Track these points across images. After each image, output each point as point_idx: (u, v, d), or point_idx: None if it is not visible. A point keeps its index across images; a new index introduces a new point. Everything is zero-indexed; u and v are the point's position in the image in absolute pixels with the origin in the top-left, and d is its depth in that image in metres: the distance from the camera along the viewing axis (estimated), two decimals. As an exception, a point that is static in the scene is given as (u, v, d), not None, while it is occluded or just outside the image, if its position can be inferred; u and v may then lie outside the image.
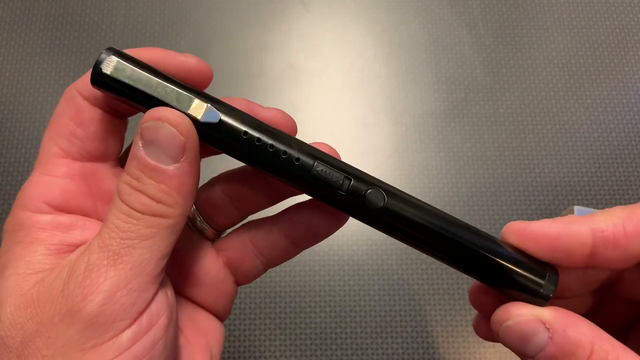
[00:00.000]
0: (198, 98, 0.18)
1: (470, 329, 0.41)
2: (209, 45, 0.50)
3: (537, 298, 0.19)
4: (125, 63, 0.18)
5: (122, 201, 0.17)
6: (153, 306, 0.18)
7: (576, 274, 0.21)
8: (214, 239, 0.23)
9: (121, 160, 0.22)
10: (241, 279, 0.24)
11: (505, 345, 0.19)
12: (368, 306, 0.42)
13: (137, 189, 0.17)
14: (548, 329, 0.18)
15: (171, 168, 0.17)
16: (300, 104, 0.48)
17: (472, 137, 0.47)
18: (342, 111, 0.48)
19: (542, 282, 0.19)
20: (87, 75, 0.19)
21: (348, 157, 0.20)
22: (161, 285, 0.18)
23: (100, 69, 0.18)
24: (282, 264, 0.43)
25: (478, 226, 0.44)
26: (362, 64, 0.50)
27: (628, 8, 0.51)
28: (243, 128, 0.19)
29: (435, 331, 0.41)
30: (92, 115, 0.19)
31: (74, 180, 0.19)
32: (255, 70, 0.49)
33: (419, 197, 0.21)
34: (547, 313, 0.18)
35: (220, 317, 0.24)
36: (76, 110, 0.19)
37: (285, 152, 0.19)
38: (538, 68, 0.49)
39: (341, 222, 0.23)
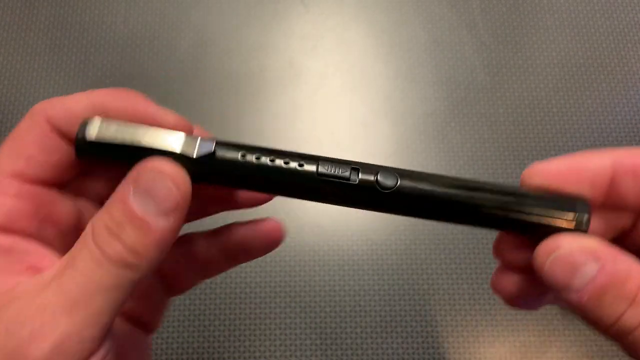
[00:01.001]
0: (186, 136, 0.18)
1: (471, 328, 0.41)
2: (209, 45, 0.50)
3: (575, 231, 0.18)
4: (108, 122, 0.18)
5: (96, 245, 0.16)
6: (101, 352, 0.17)
7: (595, 219, 0.20)
8: None
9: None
10: (174, 292, 0.24)
11: (549, 279, 0.17)
12: (368, 306, 0.42)
13: (116, 236, 0.16)
14: (597, 260, 0.17)
15: (158, 223, 0.17)
16: (300, 104, 0.48)
17: (472, 137, 0.47)
18: (342, 111, 0.48)
19: (575, 213, 0.18)
20: (59, 100, 0.18)
21: (348, 157, 0.19)
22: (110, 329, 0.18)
23: (85, 137, 0.18)
24: (282, 264, 0.43)
25: (478, 226, 0.44)
26: (362, 64, 0.50)
27: (628, 8, 0.51)
28: (239, 151, 0.18)
29: (435, 331, 0.41)
30: (57, 145, 0.19)
31: (22, 201, 0.18)
32: (255, 70, 0.49)
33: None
34: (594, 243, 0.17)
35: (150, 328, 0.24)
36: (42, 135, 0.18)
37: (287, 162, 0.18)
38: (538, 68, 0.49)
39: (277, 243, 0.23)
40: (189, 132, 0.20)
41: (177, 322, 0.41)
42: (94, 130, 0.18)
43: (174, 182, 0.17)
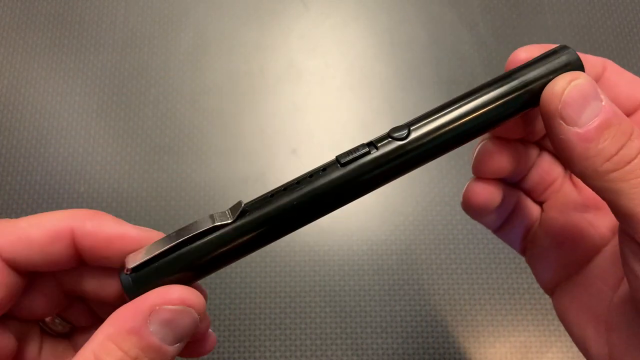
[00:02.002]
0: (213, 215, 0.18)
1: (471, 328, 0.41)
2: (209, 45, 0.50)
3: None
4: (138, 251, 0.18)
5: None
6: None
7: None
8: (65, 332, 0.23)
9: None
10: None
11: (563, 110, 0.18)
12: (368, 306, 0.42)
13: None
14: (602, 97, 0.18)
15: (172, 348, 0.17)
16: (301, 104, 0.48)
17: (472, 137, 0.47)
18: (342, 111, 0.48)
19: (570, 57, 0.19)
20: (9, 229, 0.18)
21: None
22: None
23: (128, 269, 0.18)
24: (282, 264, 0.43)
25: (478, 224, 0.44)
26: (362, 64, 0.49)
27: (628, 8, 0.51)
28: (265, 195, 0.18)
29: (435, 331, 0.41)
30: (7, 280, 0.18)
31: None
32: (255, 70, 0.49)
33: (418, 198, 0.21)
34: (595, 83, 0.18)
35: None
36: (53, 239, 0.18)
37: (311, 175, 0.18)
38: (538, 68, 0.49)
39: None
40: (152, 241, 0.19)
41: (177, 322, 0.41)
42: (134, 260, 0.18)
43: (198, 311, 0.17)
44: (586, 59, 0.20)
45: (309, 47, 0.50)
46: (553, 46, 0.20)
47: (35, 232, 0.18)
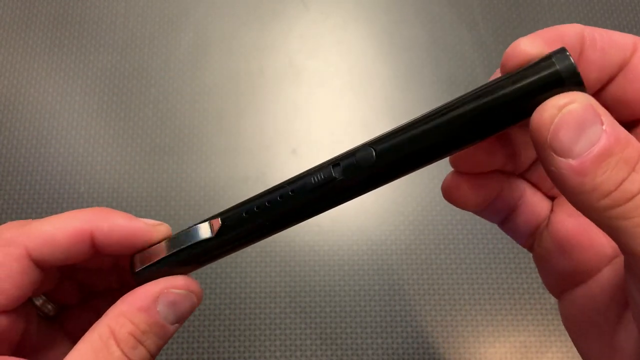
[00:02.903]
0: (203, 223, 0.21)
1: (471, 328, 0.41)
2: (209, 45, 0.50)
3: (575, 88, 0.16)
4: (141, 253, 0.21)
5: (122, 352, 0.18)
6: None
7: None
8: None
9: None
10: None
11: (553, 142, 0.15)
12: (368, 306, 0.42)
13: (141, 343, 0.19)
14: (602, 121, 0.15)
15: (172, 327, 0.20)
16: (301, 104, 0.48)
17: (472, 137, 0.47)
18: (342, 111, 0.48)
19: (560, 67, 0.16)
20: (37, 237, 0.20)
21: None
22: None
23: (136, 269, 0.21)
24: (282, 264, 0.43)
25: (478, 224, 0.44)
26: (362, 64, 0.49)
27: (628, 8, 0.51)
28: (240, 210, 0.20)
29: (435, 331, 0.41)
30: (33, 278, 0.20)
31: None
32: (255, 70, 0.49)
33: (418, 198, 0.21)
34: (595, 102, 0.16)
35: None
36: (20, 272, 0.19)
37: (281, 196, 0.19)
38: (538, 68, 0.49)
39: None
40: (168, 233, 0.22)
41: (177, 322, 0.41)
42: (142, 261, 0.21)
43: (198, 297, 0.20)
44: (612, 40, 0.17)
45: (309, 47, 0.50)
46: (561, 32, 0.17)
47: (60, 235, 0.20)
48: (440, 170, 0.45)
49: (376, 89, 0.49)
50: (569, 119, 0.15)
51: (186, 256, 0.21)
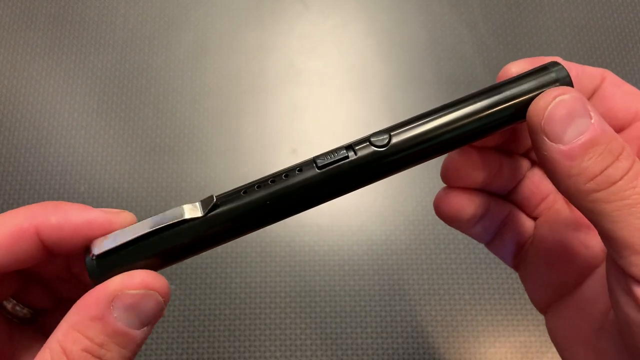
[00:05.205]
0: (184, 208, 0.18)
1: (471, 328, 0.41)
2: (209, 45, 0.50)
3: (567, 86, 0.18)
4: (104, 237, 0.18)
5: None
6: None
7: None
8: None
9: None
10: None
11: (546, 126, 0.18)
12: (368, 306, 0.42)
13: (100, 358, 0.16)
14: (591, 114, 0.17)
15: (139, 332, 0.17)
16: (301, 104, 0.48)
17: (472, 137, 0.47)
18: (342, 111, 0.48)
19: (555, 73, 0.19)
20: (50, 208, 0.18)
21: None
22: None
23: (93, 254, 0.18)
24: (282, 264, 0.43)
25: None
26: (362, 64, 0.49)
27: (628, 8, 0.51)
28: (238, 191, 0.18)
29: (435, 331, 0.41)
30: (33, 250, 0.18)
31: None
32: (255, 70, 0.49)
33: (418, 198, 0.21)
34: (587, 100, 0.18)
35: None
36: (17, 239, 0.18)
37: (286, 175, 0.18)
38: (538, 68, 0.49)
39: None
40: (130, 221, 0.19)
41: (177, 322, 0.41)
42: (100, 246, 0.18)
43: (162, 295, 0.17)
44: (584, 70, 0.20)
45: (309, 47, 0.50)
46: (545, 60, 0.20)
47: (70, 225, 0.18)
48: (440, 170, 0.45)
49: (376, 89, 0.49)
50: (560, 106, 0.17)
51: (160, 241, 0.18)
